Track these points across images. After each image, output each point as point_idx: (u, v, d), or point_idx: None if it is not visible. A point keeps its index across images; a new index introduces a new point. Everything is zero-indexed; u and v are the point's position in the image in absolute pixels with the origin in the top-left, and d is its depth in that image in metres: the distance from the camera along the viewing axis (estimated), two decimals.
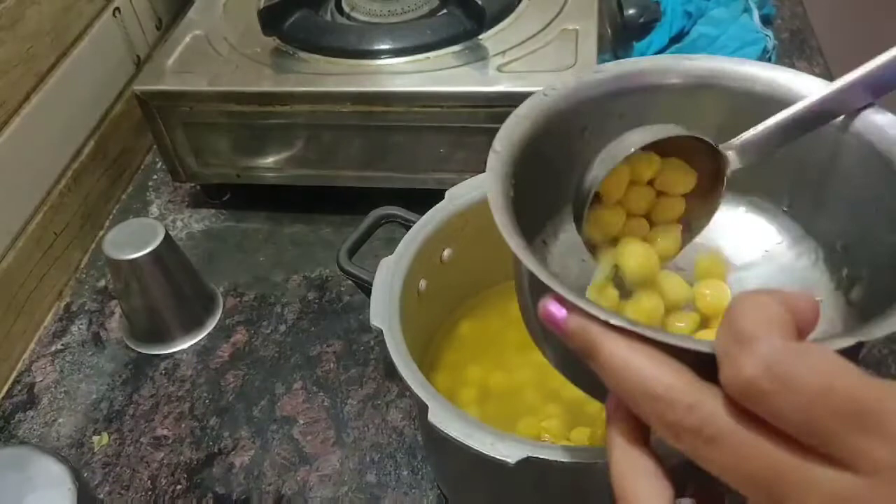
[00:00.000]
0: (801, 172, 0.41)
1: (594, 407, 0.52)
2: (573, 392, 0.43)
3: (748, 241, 0.44)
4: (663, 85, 0.41)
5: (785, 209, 0.43)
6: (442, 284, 0.56)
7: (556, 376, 0.39)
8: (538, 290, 0.33)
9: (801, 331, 0.26)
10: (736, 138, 0.38)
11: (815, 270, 0.41)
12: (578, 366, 0.31)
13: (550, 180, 0.42)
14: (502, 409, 0.54)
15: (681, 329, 0.39)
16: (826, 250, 0.41)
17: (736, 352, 0.25)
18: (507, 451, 0.40)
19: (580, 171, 0.37)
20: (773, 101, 0.39)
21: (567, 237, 0.43)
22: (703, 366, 0.27)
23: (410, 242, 0.53)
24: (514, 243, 0.34)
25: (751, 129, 0.38)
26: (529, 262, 0.33)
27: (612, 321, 0.29)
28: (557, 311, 0.31)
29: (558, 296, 0.30)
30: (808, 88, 0.39)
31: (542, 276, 0.31)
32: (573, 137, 0.41)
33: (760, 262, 0.43)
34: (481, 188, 0.56)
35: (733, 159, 0.38)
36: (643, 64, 0.42)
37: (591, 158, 0.38)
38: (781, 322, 0.25)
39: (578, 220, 0.38)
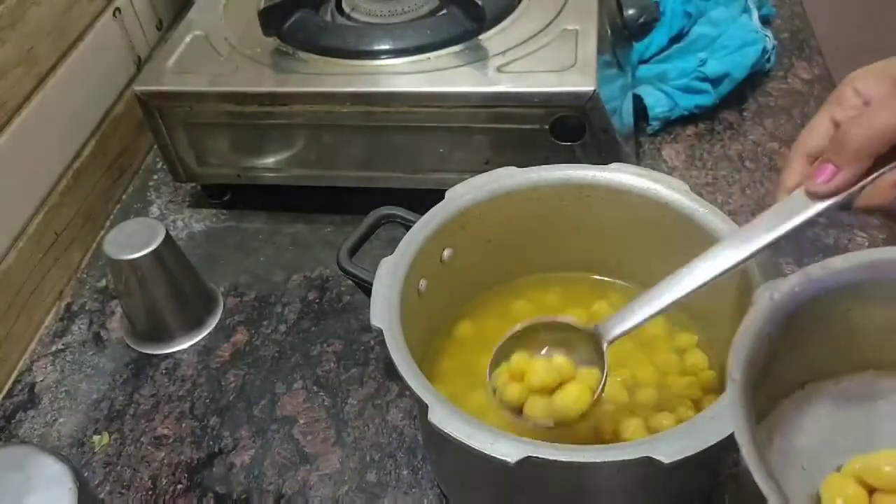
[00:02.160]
0: None
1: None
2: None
3: None
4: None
5: None
6: (442, 284, 0.56)
7: None
8: None
9: None
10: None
11: None
12: None
13: (766, 381, 0.39)
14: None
15: None
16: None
17: None
18: (507, 451, 0.40)
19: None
20: None
21: (784, 442, 0.41)
22: None
23: (410, 242, 0.53)
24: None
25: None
26: None
27: None
28: None
29: None
30: None
31: None
32: (795, 337, 0.39)
33: None
34: (481, 188, 0.56)
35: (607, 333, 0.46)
36: (875, 256, 0.39)
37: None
38: None
39: None
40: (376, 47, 0.70)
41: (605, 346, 0.46)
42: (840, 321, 0.40)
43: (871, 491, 0.37)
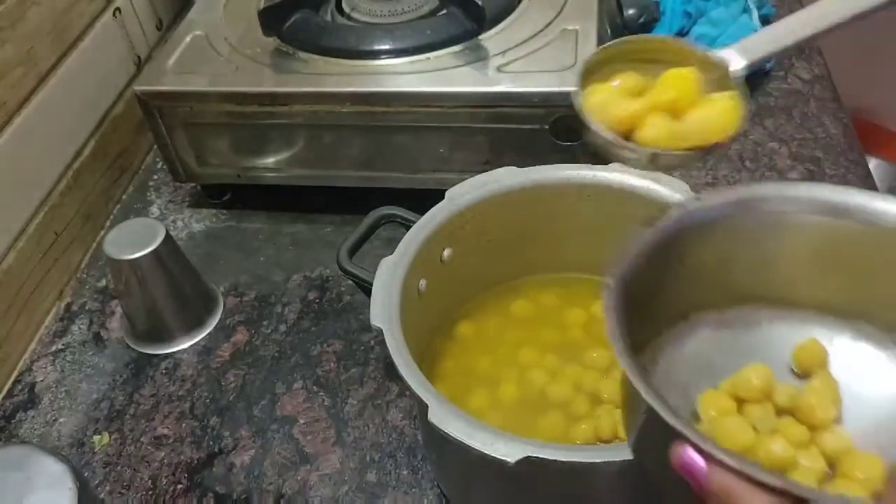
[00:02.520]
0: None
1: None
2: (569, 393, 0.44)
3: (859, 370, 0.42)
4: (770, 213, 0.41)
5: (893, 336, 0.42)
6: (442, 284, 0.56)
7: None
8: (669, 432, 0.31)
9: None
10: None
11: None
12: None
13: (651, 308, 0.41)
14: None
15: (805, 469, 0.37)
16: None
17: None
18: (507, 451, 0.40)
19: None
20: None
21: (667, 364, 0.42)
22: None
23: (410, 242, 0.53)
24: (650, 395, 0.32)
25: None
26: (673, 420, 0.31)
27: (774, 483, 0.28)
28: (695, 461, 0.29)
29: (706, 452, 0.29)
30: None
31: (696, 438, 0.30)
32: (674, 267, 0.41)
33: (873, 394, 0.41)
34: (481, 188, 0.56)
35: (735, 59, 0.39)
36: (755, 191, 0.41)
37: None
38: None
39: None
40: (376, 47, 0.70)
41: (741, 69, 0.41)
42: (716, 254, 0.41)
43: (742, 402, 0.39)
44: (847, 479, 0.36)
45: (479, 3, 0.68)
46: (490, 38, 0.70)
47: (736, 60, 0.40)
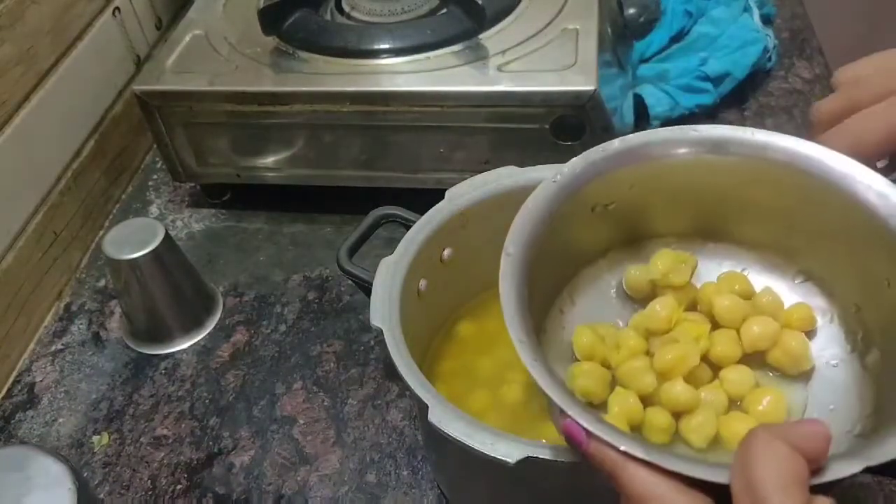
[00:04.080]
0: (812, 232, 0.42)
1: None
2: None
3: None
4: (671, 155, 0.43)
5: (798, 270, 0.43)
6: (442, 284, 0.56)
7: None
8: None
9: (813, 461, 0.29)
10: None
11: (831, 330, 0.41)
12: None
13: (565, 255, 0.44)
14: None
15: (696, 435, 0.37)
16: (840, 310, 0.41)
17: None
18: (507, 451, 0.40)
19: None
20: (791, 167, 0.40)
21: (584, 303, 0.45)
22: (724, 487, 0.29)
23: (410, 242, 0.53)
24: (532, 367, 0.34)
25: None
26: (549, 388, 0.33)
27: (631, 451, 0.30)
28: (577, 432, 0.32)
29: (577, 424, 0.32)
30: (830, 158, 0.39)
31: (565, 405, 0.33)
32: (584, 215, 0.43)
33: None
34: (481, 188, 0.56)
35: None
36: (649, 137, 0.43)
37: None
38: (796, 481, 0.27)
39: None
40: (376, 47, 0.70)
41: None
42: (627, 197, 0.43)
43: (651, 334, 0.41)
44: (748, 415, 0.38)
45: (479, 2, 0.68)
46: (490, 38, 0.70)
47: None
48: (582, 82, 0.63)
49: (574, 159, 0.42)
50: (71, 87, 0.77)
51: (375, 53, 0.70)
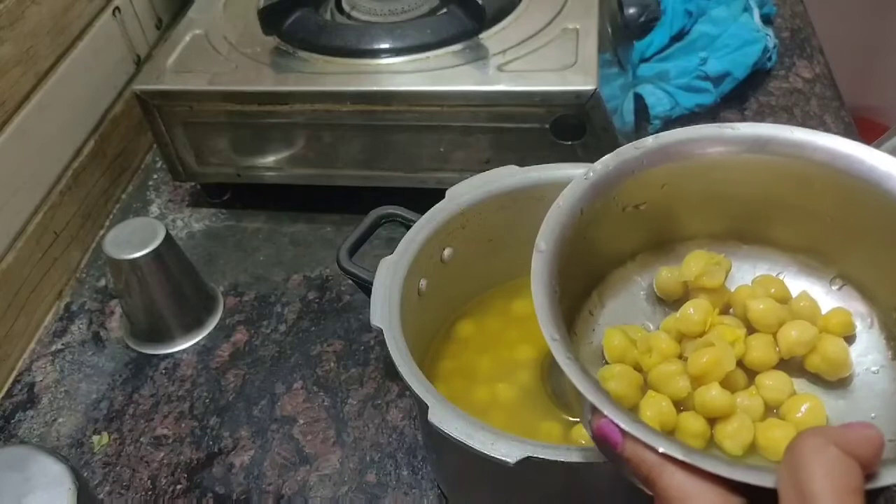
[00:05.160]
0: (851, 234, 0.41)
1: None
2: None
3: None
4: (706, 154, 0.41)
5: (836, 275, 0.42)
6: (442, 284, 0.56)
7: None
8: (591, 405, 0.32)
9: (867, 466, 0.27)
10: None
11: (871, 336, 0.40)
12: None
13: (594, 256, 0.43)
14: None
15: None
16: (881, 315, 0.40)
17: None
18: (507, 451, 0.40)
19: None
20: (831, 167, 0.39)
21: (614, 305, 0.43)
22: (764, 492, 0.28)
23: (410, 242, 0.53)
24: (566, 365, 0.33)
25: None
26: (584, 386, 0.32)
27: (671, 452, 0.29)
28: (612, 432, 0.31)
29: (615, 424, 0.31)
30: (873, 158, 0.38)
31: (601, 404, 0.31)
32: (614, 215, 0.42)
33: None
34: (482, 187, 0.56)
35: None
36: (684, 135, 0.42)
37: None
38: (853, 489, 0.26)
39: None
40: (376, 46, 0.70)
41: None
42: (659, 197, 0.42)
43: (684, 338, 0.40)
44: (787, 421, 0.36)
45: (480, 1, 0.68)
46: (490, 37, 0.70)
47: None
48: (582, 82, 0.63)
49: (606, 156, 0.41)
50: (71, 86, 0.77)
51: (376, 53, 0.70)
